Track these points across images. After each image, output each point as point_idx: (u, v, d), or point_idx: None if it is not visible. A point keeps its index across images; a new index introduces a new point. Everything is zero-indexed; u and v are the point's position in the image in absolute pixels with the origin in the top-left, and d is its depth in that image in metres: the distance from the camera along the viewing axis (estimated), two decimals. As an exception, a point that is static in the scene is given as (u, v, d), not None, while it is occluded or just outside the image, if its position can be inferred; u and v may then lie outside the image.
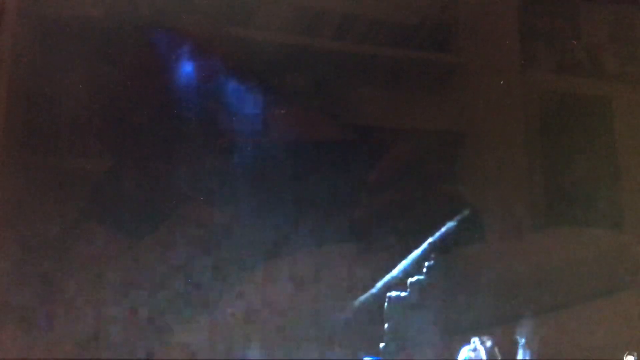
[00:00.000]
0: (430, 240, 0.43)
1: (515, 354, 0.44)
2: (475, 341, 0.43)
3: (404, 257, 0.43)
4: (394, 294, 0.43)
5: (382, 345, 0.42)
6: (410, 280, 0.43)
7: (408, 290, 0.43)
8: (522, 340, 0.44)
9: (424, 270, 0.43)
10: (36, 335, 0.39)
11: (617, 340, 0.45)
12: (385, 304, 0.43)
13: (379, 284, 0.43)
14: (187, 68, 0.43)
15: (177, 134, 0.42)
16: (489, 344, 0.43)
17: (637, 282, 0.46)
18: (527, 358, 0.44)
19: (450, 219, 0.44)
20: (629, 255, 0.47)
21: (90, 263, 0.40)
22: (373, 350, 0.42)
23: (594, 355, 0.45)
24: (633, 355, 0.45)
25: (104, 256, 0.40)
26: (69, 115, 0.42)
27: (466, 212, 0.44)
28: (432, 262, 0.43)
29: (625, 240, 0.47)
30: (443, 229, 0.44)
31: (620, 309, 0.46)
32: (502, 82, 0.47)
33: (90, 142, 0.42)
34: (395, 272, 0.43)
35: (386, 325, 0.42)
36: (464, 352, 0.43)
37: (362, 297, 0.42)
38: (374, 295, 0.43)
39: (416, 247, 0.43)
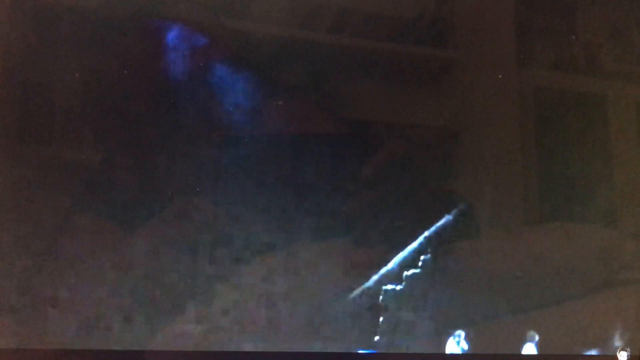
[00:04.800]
0: (426, 234, 0.43)
1: (508, 348, 0.44)
2: (460, 334, 0.43)
3: (399, 250, 0.43)
4: (389, 287, 0.43)
5: (377, 338, 0.42)
6: (405, 273, 0.43)
7: (403, 283, 0.43)
8: (516, 335, 0.44)
9: (420, 263, 0.43)
10: (31, 326, 0.39)
11: (610, 336, 0.45)
12: (381, 296, 0.43)
13: (375, 277, 0.43)
14: (182, 60, 0.42)
15: (172, 126, 0.42)
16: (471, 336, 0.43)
17: (630, 279, 0.46)
18: (520, 352, 0.44)
19: (446, 213, 0.44)
20: (623, 251, 0.47)
21: (84, 254, 0.40)
22: (368, 343, 0.42)
23: (587, 351, 0.45)
24: (626, 351, 0.45)
25: (98, 248, 0.40)
26: (63, 106, 0.41)
27: (462, 207, 0.44)
28: (427, 255, 0.43)
29: (620, 236, 0.47)
30: (439, 223, 0.44)
31: (613, 305, 0.46)
32: (498, 78, 0.47)
33: (85, 133, 0.41)
34: (390, 265, 0.43)
35: (381, 318, 0.42)
36: (452, 343, 0.43)
37: (358, 290, 0.42)
38: (370, 288, 0.43)
39: (412, 240, 0.43)
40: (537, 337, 0.44)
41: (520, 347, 0.44)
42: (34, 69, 0.41)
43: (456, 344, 0.43)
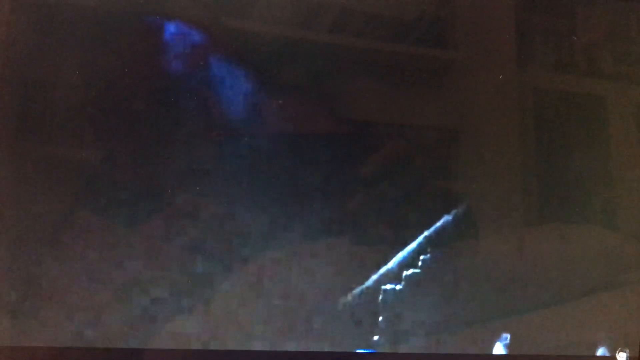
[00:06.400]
0: (426, 234, 0.43)
1: (507, 348, 0.44)
2: (507, 336, 0.43)
3: (399, 250, 0.43)
4: (389, 287, 0.43)
5: (376, 337, 0.42)
6: (405, 273, 0.43)
7: (403, 283, 0.43)
8: (515, 335, 0.44)
9: (419, 263, 0.43)
10: (29, 324, 0.39)
11: (609, 337, 0.45)
12: (380, 296, 0.43)
13: (374, 277, 0.43)
14: (182, 59, 0.42)
15: (172, 124, 0.42)
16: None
17: (630, 279, 0.47)
18: (519, 353, 0.44)
19: (446, 213, 0.44)
20: (622, 252, 0.47)
21: (84, 252, 0.40)
22: (367, 343, 0.42)
23: (586, 352, 0.45)
24: (625, 352, 0.45)
25: (97, 246, 0.40)
26: (62, 104, 0.41)
27: (461, 207, 0.44)
28: (427, 255, 0.43)
29: (619, 237, 0.47)
30: (439, 223, 0.44)
31: (613, 305, 0.46)
32: (498, 79, 0.47)
33: (84, 131, 0.41)
34: (390, 265, 0.43)
35: (381, 318, 0.42)
36: (499, 347, 0.43)
37: (357, 290, 0.42)
38: (369, 288, 0.43)
39: (412, 240, 0.43)
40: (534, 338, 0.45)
41: (520, 347, 0.44)
42: (33, 66, 0.41)
43: (503, 347, 0.43)
